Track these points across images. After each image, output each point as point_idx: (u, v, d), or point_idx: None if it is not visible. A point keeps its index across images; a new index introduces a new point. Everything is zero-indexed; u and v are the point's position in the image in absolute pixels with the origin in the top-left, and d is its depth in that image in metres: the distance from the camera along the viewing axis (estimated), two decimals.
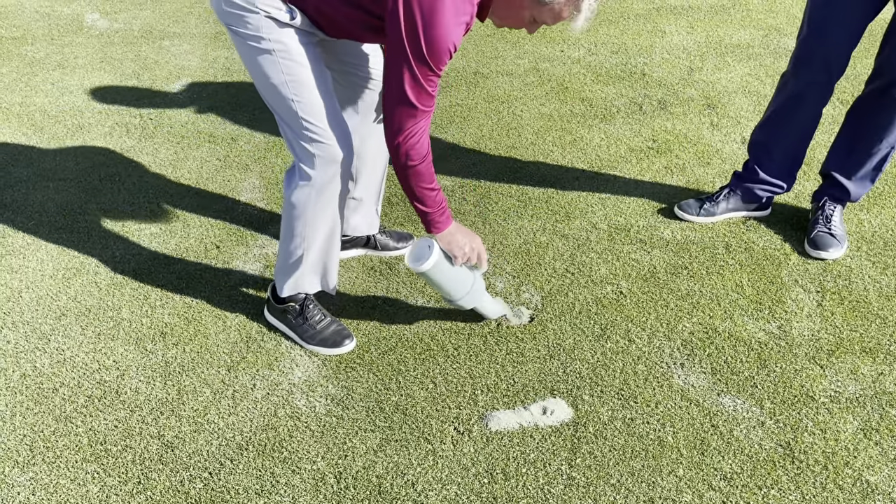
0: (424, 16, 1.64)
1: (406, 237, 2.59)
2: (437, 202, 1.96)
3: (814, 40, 2.34)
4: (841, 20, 2.28)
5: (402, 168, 1.87)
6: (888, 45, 2.32)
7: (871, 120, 2.44)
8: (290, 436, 1.94)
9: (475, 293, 2.15)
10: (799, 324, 2.29)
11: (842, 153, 2.56)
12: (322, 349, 2.17)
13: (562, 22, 1.76)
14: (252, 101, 3.51)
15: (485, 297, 2.19)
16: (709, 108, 3.45)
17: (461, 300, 2.13)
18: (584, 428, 1.96)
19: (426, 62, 1.70)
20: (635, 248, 2.59)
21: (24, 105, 3.43)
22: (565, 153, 3.13)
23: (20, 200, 2.81)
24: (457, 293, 2.12)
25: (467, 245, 2.06)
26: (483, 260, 2.11)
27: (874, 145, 2.46)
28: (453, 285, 2.10)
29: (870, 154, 2.49)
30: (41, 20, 4.28)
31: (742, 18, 4.32)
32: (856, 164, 2.53)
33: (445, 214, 2.00)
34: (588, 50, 4.00)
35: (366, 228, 2.49)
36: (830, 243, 2.52)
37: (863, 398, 2.05)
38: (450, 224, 2.02)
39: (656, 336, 2.24)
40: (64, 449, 1.90)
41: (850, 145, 2.53)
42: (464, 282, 2.11)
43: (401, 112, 1.78)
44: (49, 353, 2.17)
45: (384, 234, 2.56)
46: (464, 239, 2.05)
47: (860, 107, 2.48)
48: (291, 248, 2.09)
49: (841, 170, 2.57)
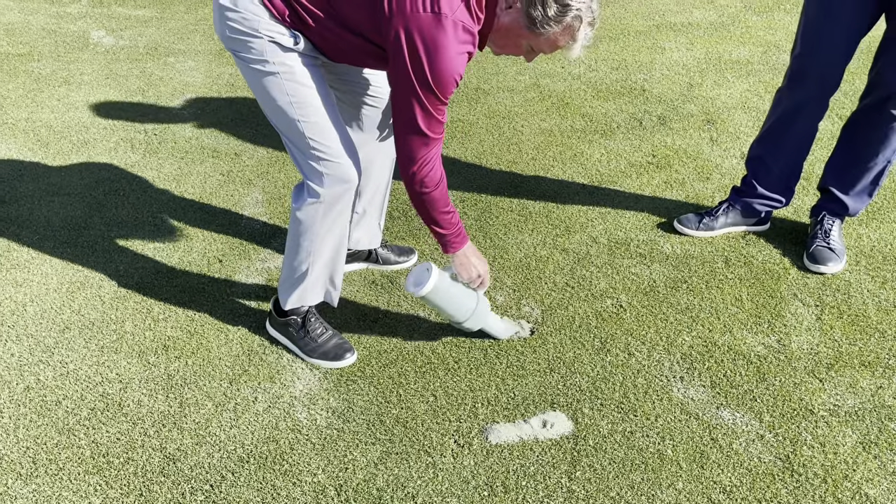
0: (428, 48, 1.67)
1: (407, 251, 2.60)
2: (453, 224, 2.00)
3: (807, 56, 2.37)
4: (834, 36, 2.30)
5: (418, 195, 1.91)
6: (881, 60, 2.35)
7: (867, 135, 2.46)
8: (291, 448, 1.95)
9: (479, 314, 2.16)
10: (798, 337, 2.30)
11: (838, 168, 2.58)
12: (323, 362, 2.18)
13: (559, 50, 1.79)
14: (255, 116, 3.54)
15: (490, 318, 2.21)
16: (708, 123, 3.47)
17: (466, 322, 2.15)
18: (584, 441, 1.97)
19: (433, 92, 1.73)
20: (635, 263, 2.61)
21: (31, 121, 3.46)
22: (566, 168, 3.15)
23: (26, 215, 2.84)
24: (460, 315, 2.14)
25: (479, 267, 2.10)
26: (485, 283, 2.15)
27: (870, 160, 2.48)
28: (455, 308, 2.12)
29: (866, 169, 2.51)
30: (48, 37, 4.33)
31: (741, 35, 4.36)
32: (853, 178, 2.55)
33: (461, 235, 2.04)
34: (588, 66, 4.03)
35: (367, 242, 2.50)
36: (829, 257, 2.54)
37: (862, 412, 2.05)
38: (465, 244, 2.06)
39: (656, 349, 2.25)
40: (67, 461, 1.91)
41: (846, 160, 2.55)
42: (466, 304, 2.13)
43: (413, 141, 1.82)
44: (53, 365, 2.19)
45: (386, 248, 2.58)
46: (476, 261, 2.10)
47: (855, 122, 2.50)
48: (297, 263, 2.11)
49: (838, 185, 2.58)
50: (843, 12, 2.27)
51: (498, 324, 2.25)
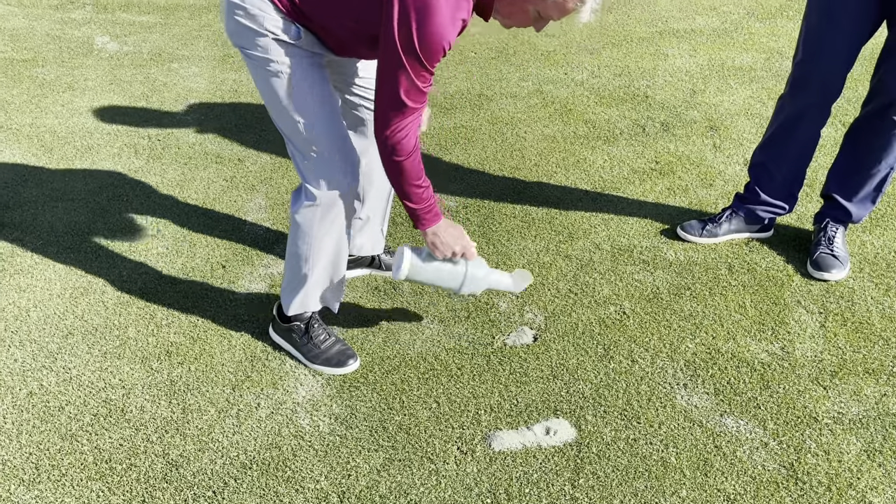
0: (418, 13, 1.64)
1: None
2: (424, 199, 1.93)
3: (809, 63, 2.37)
4: (836, 43, 2.31)
5: (389, 163, 1.87)
6: (882, 67, 2.35)
7: (869, 142, 2.46)
8: (294, 455, 1.95)
9: (473, 278, 2.11)
10: (802, 345, 2.29)
11: (841, 175, 2.58)
12: (326, 369, 2.18)
13: (568, 17, 1.73)
14: (259, 122, 3.55)
15: (492, 276, 2.16)
16: (711, 130, 3.47)
17: (462, 289, 2.13)
18: (587, 448, 1.97)
19: (419, 59, 1.69)
20: (638, 269, 2.61)
21: (35, 126, 3.47)
22: (569, 174, 3.16)
23: (29, 220, 2.84)
24: (453, 285, 2.12)
25: (455, 245, 2.03)
26: (471, 255, 2.08)
27: (873, 167, 2.48)
28: (444, 280, 2.10)
29: (869, 175, 2.51)
30: (52, 43, 4.35)
31: (744, 42, 4.36)
32: (856, 185, 2.55)
33: (433, 212, 1.97)
34: (591, 73, 4.04)
35: (370, 248, 2.50)
36: (833, 264, 2.53)
37: (866, 420, 2.05)
38: (437, 221, 1.99)
39: (659, 356, 2.25)
40: (69, 467, 1.91)
41: (849, 167, 2.55)
42: (453, 276, 2.10)
43: (391, 108, 1.78)
44: (56, 371, 2.19)
45: (389, 254, 2.57)
46: (448, 238, 2.02)
47: (857, 129, 2.50)
48: (297, 267, 2.11)
49: (841, 191, 2.58)
50: (844, 19, 2.27)
51: (504, 279, 2.19)
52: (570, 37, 4.46)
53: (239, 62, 4.14)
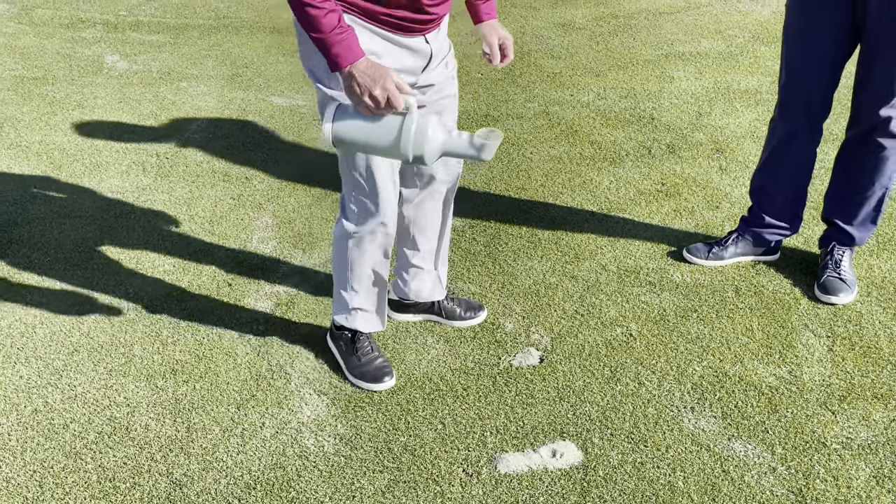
0: None
1: (476, 308, 2.45)
2: (327, 26, 1.65)
3: (793, 85, 2.42)
4: (813, 64, 2.35)
5: None
6: (860, 94, 2.35)
7: (858, 166, 2.47)
8: (299, 475, 1.94)
9: (416, 137, 1.69)
10: (810, 368, 2.28)
11: (837, 199, 2.58)
12: (362, 383, 2.19)
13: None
14: (266, 141, 3.57)
15: (445, 138, 1.73)
16: (717, 152, 3.48)
17: (403, 151, 1.71)
18: (593, 471, 1.95)
19: None
20: (645, 291, 2.60)
21: (44, 143, 3.50)
22: (575, 195, 3.16)
23: (37, 237, 2.85)
24: (387, 145, 1.71)
25: (373, 86, 1.66)
26: (396, 101, 1.67)
27: (867, 189, 2.48)
28: (378, 141, 1.71)
29: (865, 198, 2.51)
30: (62, 61, 4.39)
31: (750, 65, 4.38)
32: (853, 209, 2.55)
33: (344, 45, 1.66)
34: (597, 94, 4.06)
35: (428, 294, 2.39)
36: (840, 288, 2.52)
37: (875, 445, 2.03)
38: (353, 59, 1.67)
39: (666, 379, 2.24)
40: (73, 485, 1.90)
41: (843, 191, 2.55)
42: (386, 129, 1.70)
43: None
44: (61, 388, 2.18)
45: (452, 300, 2.44)
46: (365, 79, 1.67)
47: (844, 154, 2.51)
48: (339, 287, 2.18)
49: (840, 216, 2.58)
50: (817, 40, 2.32)
51: (463, 140, 1.74)
52: (577, 59, 4.49)
53: (247, 81, 4.17)
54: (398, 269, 2.39)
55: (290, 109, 3.86)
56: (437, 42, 1.94)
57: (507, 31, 2.11)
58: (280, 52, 4.54)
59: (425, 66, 1.93)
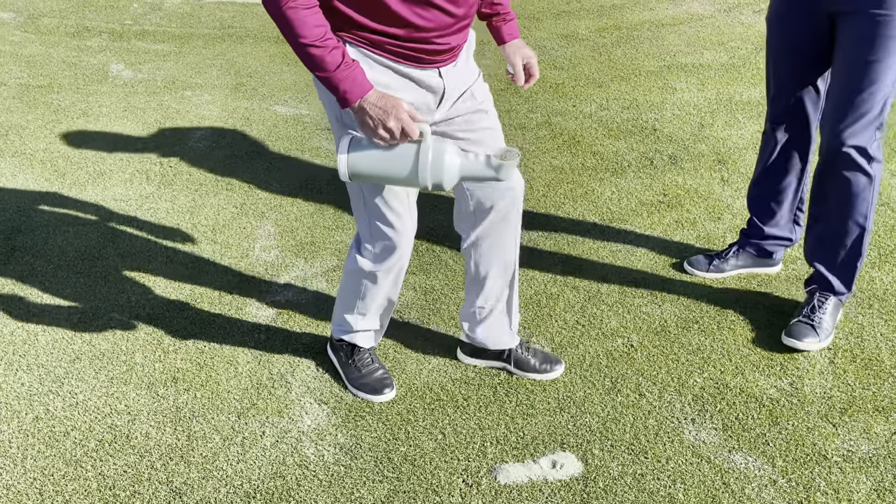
0: None
1: (553, 361, 2.26)
2: (330, 63, 1.61)
3: (778, 97, 2.43)
4: (800, 76, 2.36)
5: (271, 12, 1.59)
6: (824, 115, 2.26)
7: (828, 203, 2.33)
8: (298, 485, 1.94)
9: (433, 164, 1.68)
10: (811, 381, 2.27)
11: (815, 239, 2.43)
12: (362, 394, 2.19)
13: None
14: (269, 149, 3.58)
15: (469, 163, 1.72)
16: (719, 163, 3.49)
17: (420, 180, 1.70)
18: (593, 483, 1.95)
19: None
20: (646, 302, 2.60)
21: (48, 151, 3.51)
22: (576, 206, 3.17)
23: (40, 244, 2.86)
24: (402, 175, 1.70)
25: (387, 118, 1.64)
26: (411, 131, 1.66)
27: (840, 226, 2.32)
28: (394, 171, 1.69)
29: (840, 237, 2.35)
30: (67, 70, 4.41)
31: (752, 77, 4.39)
32: (830, 249, 2.38)
33: (350, 80, 1.63)
34: (600, 105, 4.07)
35: (494, 342, 2.22)
36: (806, 333, 2.35)
37: (876, 458, 2.02)
38: (362, 93, 1.64)
39: (667, 390, 2.24)
40: (73, 493, 1.90)
41: (820, 235, 2.40)
42: (401, 159, 1.68)
43: None
44: (62, 396, 2.19)
45: (526, 350, 2.27)
46: (376, 112, 1.65)
47: (818, 187, 2.35)
48: (345, 311, 2.16)
49: (819, 258, 2.43)
50: (799, 55, 2.32)
51: (480, 162, 1.72)
52: (579, 70, 4.50)
53: (251, 90, 4.19)
54: (464, 313, 2.23)
55: (294, 118, 3.88)
56: (452, 77, 1.82)
57: (531, 50, 2.04)
58: (284, 62, 4.57)
59: (438, 102, 1.83)
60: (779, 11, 2.36)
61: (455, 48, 1.81)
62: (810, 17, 2.27)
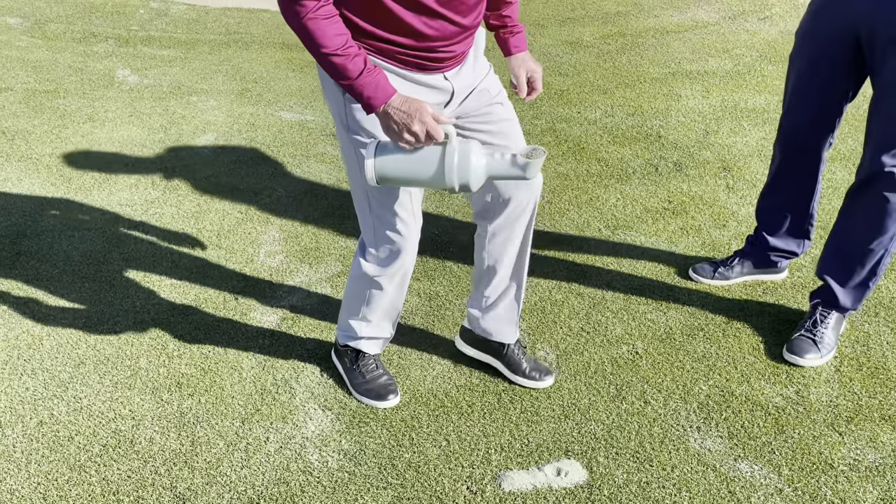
0: None
1: (543, 371, 2.26)
2: (352, 70, 1.63)
3: (796, 111, 2.38)
4: (817, 92, 2.31)
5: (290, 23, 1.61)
6: (868, 133, 2.25)
7: (857, 217, 2.32)
8: (302, 491, 1.93)
9: (459, 165, 1.68)
10: (817, 389, 2.26)
11: (833, 255, 2.41)
12: (366, 399, 2.18)
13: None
14: (274, 155, 3.59)
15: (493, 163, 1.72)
16: (724, 170, 3.48)
17: (447, 182, 1.70)
18: (598, 491, 1.94)
19: None
20: (651, 309, 2.59)
21: (54, 156, 3.52)
22: (581, 212, 3.16)
23: (45, 249, 2.87)
24: (429, 177, 1.70)
25: (412, 122, 1.65)
26: (437, 133, 1.67)
27: (864, 245, 2.31)
28: (421, 174, 1.70)
29: (861, 255, 2.33)
30: (74, 75, 4.43)
31: (757, 84, 4.39)
32: (847, 267, 2.37)
33: (373, 86, 1.64)
34: (605, 112, 4.07)
35: (496, 334, 2.23)
36: (808, 349, 2.35)
37: (882, 467, 2.01)
38: (387, 97, 1.66)
39: (672, 398, 2.23)
40: (77, 498, 1.90)
41: (839, 246, 2.39)
42: (427, 161, 1.69)
43: None
44: (67, 400, 2.19)
45: (521, 351, 2.27)
46: (401, 116, 1.65)
47: (848, 203, 2.36)
48: (350, 316, 2.16)
49: (833, 273, 2.41)
50: (825, 70, 2.28)
51: (506, 162, 1.72)
52: (584, 76, 4.51)
53: (256, 96, 4.20)
54: (472, 303, 2.25)
55: (299, 124, 3.89)
56: (459, 79, 1.86)
57: (536, 63, 2.03)
58: (289, 68, 4.58)
59: (447, 102, 1.87)
60: (806, 30, 2.31)
61: (460, 55, 1.84)
62: (837, 40, 2.23)
